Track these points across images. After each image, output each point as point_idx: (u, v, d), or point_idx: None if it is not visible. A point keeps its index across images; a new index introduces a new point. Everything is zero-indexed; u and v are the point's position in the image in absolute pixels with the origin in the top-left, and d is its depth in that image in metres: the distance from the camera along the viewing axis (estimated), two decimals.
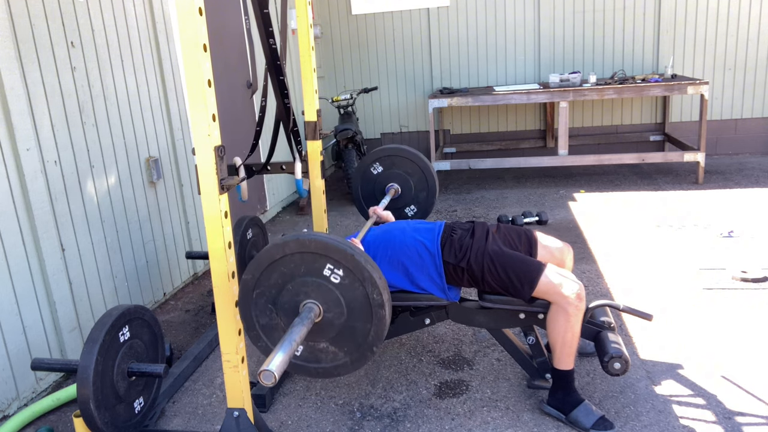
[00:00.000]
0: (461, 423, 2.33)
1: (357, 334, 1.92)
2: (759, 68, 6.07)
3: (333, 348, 1.95)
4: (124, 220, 3.29)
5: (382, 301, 1.87)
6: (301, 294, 1.90)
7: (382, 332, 1.91)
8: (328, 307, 1.90)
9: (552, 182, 5.86)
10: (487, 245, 2.37)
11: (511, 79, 6.49)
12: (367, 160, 3.35)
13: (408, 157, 3.30)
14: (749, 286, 3.27)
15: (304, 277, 1.89)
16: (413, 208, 3.35)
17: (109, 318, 2.08)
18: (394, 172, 3.32)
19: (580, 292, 2.22)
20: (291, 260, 1.88)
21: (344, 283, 1.87)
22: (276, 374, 1.59)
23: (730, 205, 4.70)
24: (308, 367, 1.99)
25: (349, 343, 1.94)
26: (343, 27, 6.66)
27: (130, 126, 3.36)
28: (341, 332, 1.92)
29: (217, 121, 1.87)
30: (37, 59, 2.70)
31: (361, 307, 1.89)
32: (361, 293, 1.87)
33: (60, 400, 2.57)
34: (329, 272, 1.87)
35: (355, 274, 1.85)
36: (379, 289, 1.86)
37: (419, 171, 3.31)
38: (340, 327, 1.91)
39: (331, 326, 1.91)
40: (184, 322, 3.41)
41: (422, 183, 3.31)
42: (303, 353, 1.98)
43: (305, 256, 1.87)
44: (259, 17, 2.39)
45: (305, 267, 1.88)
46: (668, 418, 2.26)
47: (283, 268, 1.89)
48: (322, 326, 1.92)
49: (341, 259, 1.84)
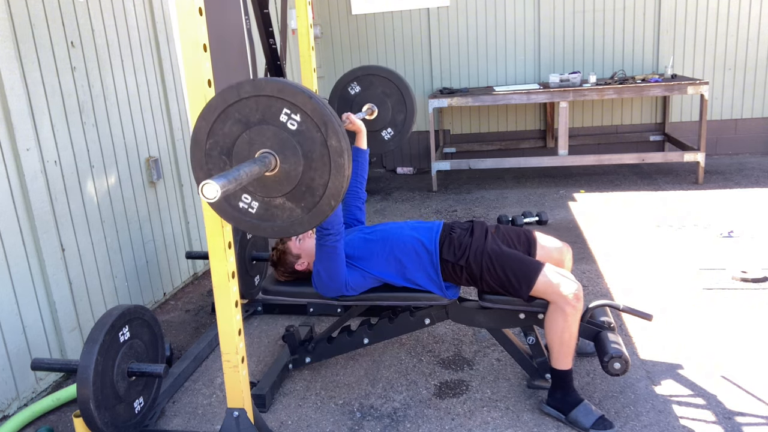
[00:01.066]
0: (461, 423, 2.33)
1: (315, 186, 1.78)
2: (759, 68, 6.07)
3: (290, 204, 1.82)
4: (124, 220, 3.29)
5: (341, 149, 1.72)
6: (256, 143, 1.76)
7: (340, 184, 1.76)
8: (284, 156, 1.76)
9: (552, 182, 5.86)
10: (486, 244, 2.37)
11: (511, 79, 6.49)
12: (344, 79, 3.18)
13: (387, 77, 3.14)
14: (749, 286, 3.27)
15: (260, 125, 1.75)
16: (390, 131, 3.19)
17: (109, 318, 2.08)
18: (372, 92, 3.15)
19: (578, 292, 2.22)
20: (245, 105, 1.75)
21: (301, 130, 1.73)
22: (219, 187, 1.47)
23: (730, 205, 4.70)
24: (264, 226, 1.86)
25: (306, 197, 1.80)
26: (343, 27, 6.66)
27: (130, 126, 3.36)
28: (298, 185, 1.78)
29: None
30: (37, 59, 2.70)
31: (319, 156, 1.74)
32: (319, 140, 1.73)
33: (60, 400, 2.57)
34: (286, 117, 1.73)
35: (314, 118, 1.71)
36: (338, 135, 1.71)
37: (398, 92, 3.14)
38: (297, 179, 1.77)
39: (288, 178, 1.77)
40: (184, 322, 3.41)
41: (400, 105, 3.15)
42: (258, 210, 1.85)
43: (260, 100, 1.73)
44: (259, 17, 2.40)
45: (261, 113, 1.74)
46: (668, 418, 2.26)
47: (237, 114, 1.76)
48: (277, 179, 1.78)
49: (298, 103, 1.71)
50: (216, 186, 1.47)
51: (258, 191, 1.80)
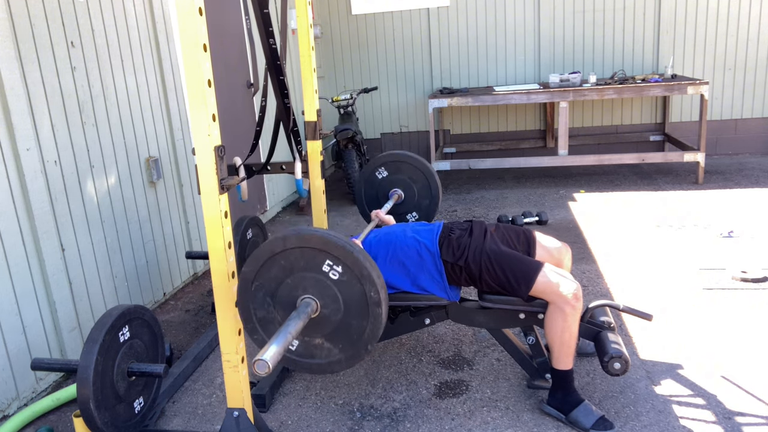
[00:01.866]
0: (461, 423, 2.33)
1: (353, 331, 1.92)
2: (759, 68, 6.07)
3: (328, 344, 1.95)
4: (124, 220, 3.29)
5: (379, 300, 1.87)
6: (299, 289, 1.91)
7: (377, 330, 1.91)
8: (325, 302, 1.90)
9: (552, 182, 5.86)
10: (485, 244, 2.37)
11: (511, 79, 6.49)
12: (372, 164, 3.36)
13: (413, 163, 3.32)
14: (749, 286, 3.27)
15: (303, 272, 1.89)
16: (415, 214, 3.36)
17: (109, 318, 2.08)
18: (398, 177, 3.33)
19: (577, 292, 2.22)
20: (291, 254, 1.89)
21: (342, 280, 1.87)
22: (270, 364, 1.59)
23: (730, 205, 4.70)
24: (302, 362, 2.00)
25: (344, 340, 1.94)
26: (343, 27, 6.66)
27: (130, 126, 3.36)
28: (337, 329, 1.92)
29: (217, 121, 1.87)
30: (37, 59, 2.70)
31: (358, 305, 1.89)
32: (358, 290, 1.87)
33: (60, 400, 2.57)
34: (328, 268, 1.87)
35: (354, 271, 1.85)
36: (377, 287, 1.86)
37: (423, 178, 3.32)
38: (337, 323, 1.91)
39: (328, 322, 1.92)
40: (184, 322, 3.41)
41: (425, 190, 3.33)
42: (298, 348, 1.98)
43: (305, 251, 1.87)
44: (259, 17, 2.39)
45: (305, 262, 1.88)
46: (668, 418, 2.26)
47: (282, 262, 1.90)
48: (318, 322, 1.92)
49: (341, 256, 1.85)
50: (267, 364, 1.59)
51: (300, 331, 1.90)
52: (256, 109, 4.99)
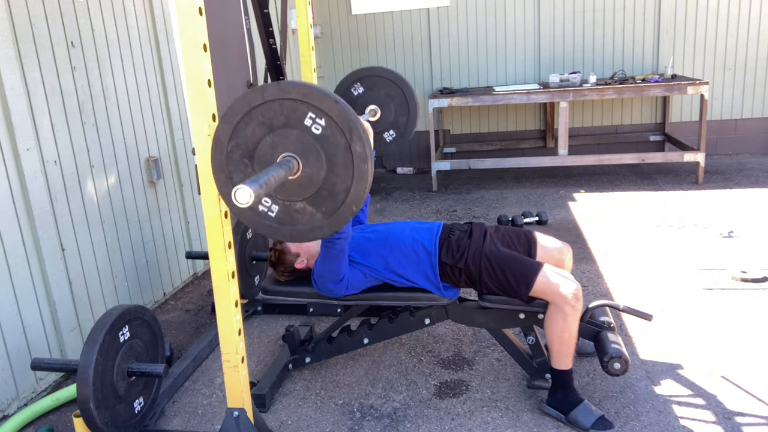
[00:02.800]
0: (461, 423, 2.33)
1: (336, 191, 1.77)
2: (759, 68, 6.07)
3: (310, 208, 1.81)
4: (124, 220, 3.29)
5: (365, 154, 1.72)
6: (279, 146, 1.76)
7: (363, 190, 1.76)
8: (307, 160, 1.75)
9: (552, 182, 5.86)
10: (485, 246, 2.37)
11: (511, 79, 6.48)
12: (347, 79, 3.17)
13: (390, 78, 3.14)
14: (749, 286, 3.27)
15: (284, 129, 1.75)
16: (392, 132, 3.19)
17: (109, 318, 2.08)
18: (374, 93, 3.14)
19: (578, 292, 2.22)
20: (270, 108, 1.74)
21: (325, 134, 1.73)
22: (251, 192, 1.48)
23: (730, 205, 4.70)
24: (283, 229, 1.85)
25: (327, 203, 1.79)
26: (343, 27, 6.66)
27: (130, 126, 3.36)
28: (319, 190, 1.78)
29: (217, 120, 1.87)
30: (37, 59, 2.70)
31: (342, 162, 1.74)
32: (343, 145, 1.72)
33: (60, 400, 2.57)
34: (310, 122, 1.73)
35: (338, 123, 1.71)
36: (363, 140, 1.71)
37: (401, 94, 3.14)
38: (319, 183, 1.77)
39: (309, 182, 1.77)
40: (184, 322, 3.41)
41: (403, 107, 3.15)
42: (278, 214, 1.84)
43: (285, 103, 1.73)
44: (259, 17, 2.40)
45: (285, 116, 1.74)
46: (668, 418, 2.26)
47: (260, 117, 1.76)
48: (299, 183, 1.78)
49: (324, 107, 1.70)
50: (249, 191, 1.48)
51: (279, 195, 1.79)
52: None
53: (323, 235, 1.84)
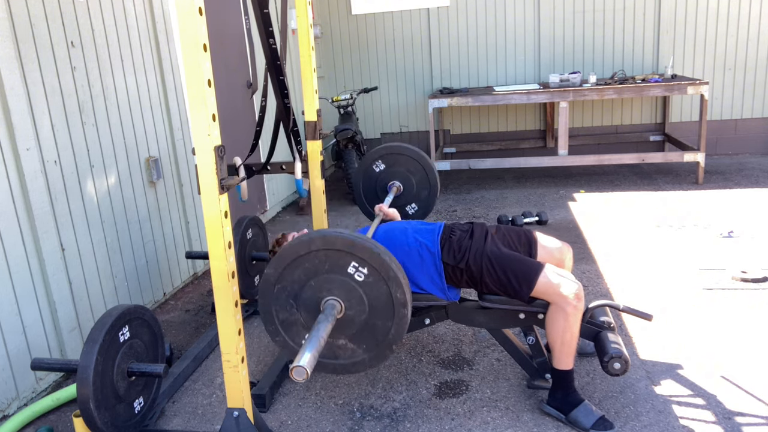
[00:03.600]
0: (461, 423, 2.33)
1: (377, 331, 1.93)
2: (759, 68, 6.07)
3: (352, 345, 1.96)
4: (124, 220, 3.29)
5: (405, 301, 1.87)
6: (323, 290, 1.91)
7: (402, 330, 1.91)
8: (350, 304, 1.91)
9: (552, 182, 5.86)
10: (486, 246, 2.37)
11: (511, 79, 6.49)
12: (369, 157, 3.33)
13: (410, 155, 3.29)
14: (749, 286, 3.27)
15: (328, 274, 1.89)
16: (414, 206, 3.34)
17: (109, 318, 2.08)
18: (396, 170, 3.31)
19: (579, 292, 2.22)
20: (316, 257, 1.89)
21: (368, 282, 1.88)
22: (308, 370, 1.60)
23: (730, 205, 4.70)
24: (326, 363, 2.00)
25: (368, 341, 1.94)
26: (343, 27, 6.66)
27: (130, 126, 3.36)
28: (361, 329, 1.93)
29: (217, 121, 1.87)
30: (37, 59, 2.70)
31: (383, 306, 1.90)
32: (384, 292, 1.88)
33: (60, 400, 2.57)
34: (353, 270, 1.88)
35: (380, 272, 1.86)
36: (403, 288, 1.87)
37: (421, 169, 3.30)
38: (361, 324, 1.92)
39: (352, 323, 1.92)
40: (184, 322, 3.41)
41: (424, 181, 3.31)
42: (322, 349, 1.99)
43: (330, 253, 1.88)
44: (259, 17, 2.39)
45: (329, 264, 1.89)
46: (668, 418, 2.26)
47: (307, 264, 1.90)
48: (342, 323, 1.92)
49: (367, 258, 1.85)
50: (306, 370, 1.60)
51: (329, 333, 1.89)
52: (256, 109, 4.99)
53: (364, 369, 2.02)
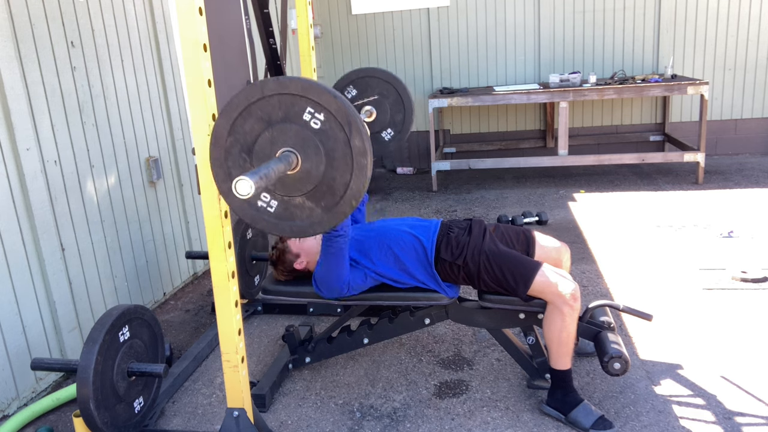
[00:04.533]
0: (461, 423, 2.33)
1: (336, 186, 1.76)
2: (759, 68, 6.07)
3: (309, 203, 1.80)
4: (124, 220, 3.29)
5: (365, 149, 1.71)
6: (278, 142, 1.76)
7: (362, 184, 1.75)
8: (306, 155, 1.75)
9: (552, 182, 5.86)
10: (484, 244, 2.37)
11: (511, 79, 6.49)
12: (339, 84, 3.16)
13: (382, 77, 3.12)
14: (749, 286, 3.27)
15: (282, 123, 1.74)
16: (390, 131, 3.18)
17: (109, 318, 2.08)
18: (369, 94, 3.13)
19: (575, 292, 2.22)
20: (268, 103, 1.74)
21: (324, 129, 1.72)
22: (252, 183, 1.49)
23: (730, 205, 4.70)
24: (282, 225, 1.85)
25: (326, 197, 1.79)
26: (343, 27, 6.66)
27: (130, 126, 3.36)
28: (319, 185, 1.77)
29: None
30: (37, 59, 2.70)
31: (341, 156, 1.73)
32: (342, 139, 1.72)
33: (60, 400, 2.57)
34: (309, 116, 1.72)
35: (337, 118, 1.70)
36: (362, 135, 1.70)
37: (395, 92, 3.12)
38: (318, 178, 1.76)
39: (309, 178, 1.77)
40: (184, 322, 3.41)
41: (398, 105, 3.13)
42: (277, 209, 1.83)
43: (284, 98, 1.72)
44: (259, 17, 2.40)
45: (283, 111, 1.74)
46: (668, 418, 2.26)
47: (259, 112, 1.75)
48: (298, 178, 1.78)
49: (323, 102, 1.70)
50: (250, 182, 1.48)
51: (278, 190, 1.79)
52: None
53: (322, 229, 1.83)
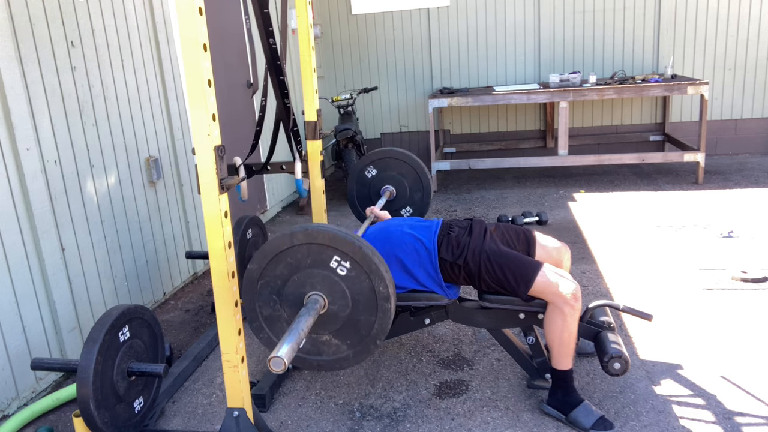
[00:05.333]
0: (461, 423, 2.33)
1: (361, 327, 1.91)
2: (759, 68, 6.07)
3: (336, 341, 1.95)
4: (124, 220, 3.29)
5: (388, 294, 1.86)
6: (306, 285, 1.90)
7: (386, 325, 1.90)
8: (333, 299, 1.89)
9: (552, 182, 5.86)
10: (485, 243, 2.37)
11: (511, 79, 6.49)
12: (360, 163, 3.36)
13: (401, 158, 3.30)
14: (749, 286, 3.27)
15: (310, 269, 1.88)
16: (409, 209, 3.36)
17: (109, 318, 2.08)
18: (388, 174, 3.33)
19: (576, 292, 2.22)
20: (298, 251, 1.88)
21: (350, 276, 1.87)
22: (285, 361, 1.59)
23: (730, 205, 4.70)
24: (310, 360, 1.99)
25: (352, 336, 1.93)
26: (343, 27, 6.67)
27: (130, 126, 3.36)
28: (345, 325, 1.92)
29: (217, 121, 1.87)
30: (37, 59, 2.70)
31: (366, 300, 1.88)
32: (367, 286, 1.87)
33: (60, 400, 2.57)
34: (336, 264, 1.87)
35: (362, 266, 1.85)
36: (385, 282, 1.85)
37: (413, 172, 3.31)
38: (345, 319, 1.91)
39: (335, 319, 1.91)
40: (184, 321, 3.41)
41: (417, 184, 3.32)
42: (305, 345, 1.97)
43: (312, 248, 1.87)
44: (259, 17, 2.39)
45: (312, 258, 1.88)
46: (668, 418, 2.26)
47: (289, 259, 1.89)
48: (326, 318, 1.91)
49: (349, 251, 1.84)
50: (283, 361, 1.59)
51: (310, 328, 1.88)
52: (256, 109, 4.99)
53: (348, 365, 2.00)
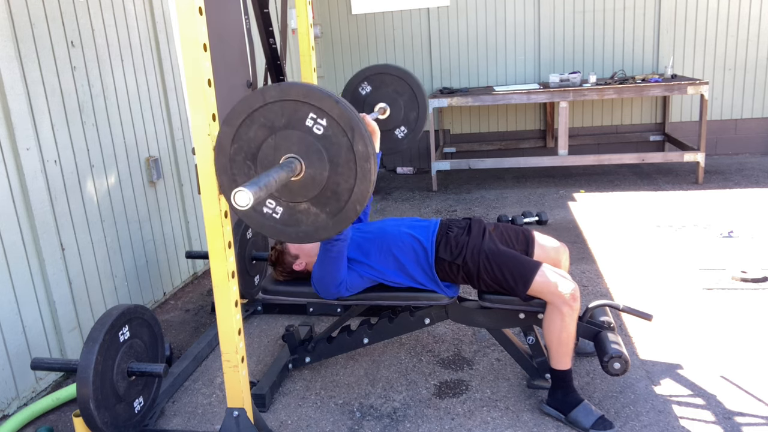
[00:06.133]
0: (461, 423, 2.33)
1: (340, 191, 1.77)
2: (759, 68, 6.07)
3: (314, 209, 1.81)
4: (124, 220, 3.29)
5: (368, 154, 1.71)
6: (281, 149, 1.76)
7: (366, 188, 1.75)
8: (309, 162, 1.75)
9: (552, 182, 5.86)
10: (483, 243, 2.37)
11: (511, 79, 6.49)
12: (355, 79, 3.15)
13: (398, 75, 3.12)
14: (749, 286, 3.27)
15: (285, 130, 1.75)
16: (403, 129, 3.17)
17: (109, 318, 2.08)
18: (383, 91, 3.13)
19: (575, 292, 2.22)
20: (271, 110, 1.75)
21: (327, 134, 1.73)
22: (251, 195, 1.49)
23: (730, 205, 4.70)
24: (288, 231, 1.85)
25: (331, 203, 1.79)
26: (343, 27, 6.66)
27: (130, 126, 3.36)
28: (323, 190, 1.78)
29: (217, 121, 1.87)
30: (37, 59, 2.70)
31: (345, 161, 1.74)
32: (345, 145, 1.72)
33: (60, 400, 2.57)
34: (312, 122, 1.73)
35: (340, 123, 1.71)
36: (365, 140, 1.71)
37: (409, 90, 3.12)
38: (322, 184, 1.77)
39: (313, 183, 1.77)
40: (184, 321, 3.41)
41: (412, 102, 3.13)
42: (282, 216, 1.84)
43: (286, 105, 1.73)
44: (259, 17, 2.40)
45: (286, 118, 1.74)
46: (668, 418, 2.26)
47: (262, 119, 1.76)
48: (303, 184, 1.78)
49: (325, 107, 1.70)
50: (249, 194, 1.48)
51: (282, 196, 1.79)
52: None
53: (328, 235, 1.84)
